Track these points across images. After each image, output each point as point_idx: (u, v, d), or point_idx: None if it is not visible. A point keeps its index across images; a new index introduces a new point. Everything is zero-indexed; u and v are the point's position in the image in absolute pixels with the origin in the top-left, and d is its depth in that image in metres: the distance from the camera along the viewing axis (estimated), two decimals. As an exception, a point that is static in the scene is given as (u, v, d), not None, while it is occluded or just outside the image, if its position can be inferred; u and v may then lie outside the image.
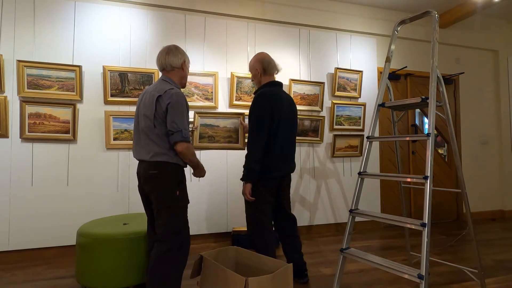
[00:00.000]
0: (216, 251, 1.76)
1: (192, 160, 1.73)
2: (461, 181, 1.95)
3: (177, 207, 1.71)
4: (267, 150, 1.97)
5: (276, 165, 2.00)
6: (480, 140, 4.34)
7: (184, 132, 1.63)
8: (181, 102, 1.65)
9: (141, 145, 1.72)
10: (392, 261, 1.61)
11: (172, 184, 1.69)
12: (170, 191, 1.68)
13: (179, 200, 1.71)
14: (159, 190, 1.68)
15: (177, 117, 1.63)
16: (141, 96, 1.79)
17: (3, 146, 2.65)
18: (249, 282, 1.37)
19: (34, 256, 2.70)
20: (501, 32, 4.42)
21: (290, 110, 2.08)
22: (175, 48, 1.79)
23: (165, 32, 3.11)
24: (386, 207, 3.87)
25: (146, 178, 1.69)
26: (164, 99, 1.64)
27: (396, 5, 3.83)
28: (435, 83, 1.75)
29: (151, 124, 1.65)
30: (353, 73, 3.71)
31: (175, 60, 1.76)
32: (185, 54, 1.83)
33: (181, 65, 1.79)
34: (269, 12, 3.43)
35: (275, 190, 2.07)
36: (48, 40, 2.78)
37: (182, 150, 1.64)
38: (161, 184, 1.67)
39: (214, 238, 3.18)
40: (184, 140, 1.63)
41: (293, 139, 2.14)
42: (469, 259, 2.65)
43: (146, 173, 1.68)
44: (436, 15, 1.85)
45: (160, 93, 1.65)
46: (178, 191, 1.70)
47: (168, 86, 1.70)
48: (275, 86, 2.06)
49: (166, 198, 1.67)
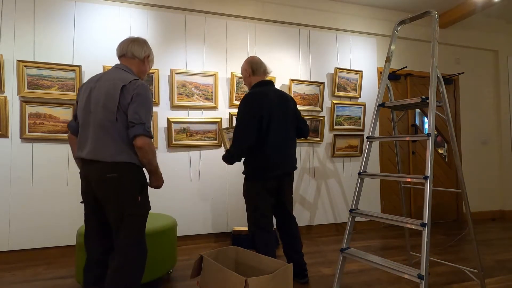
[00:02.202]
0: (216, 251, 1.76)
1: (152, 162, 1.50)
2: (461, 181, 1.95)
3: (139, 216, 1.50)
4: (261, 150, 1.95)
5: (273, 165, 1.97)
6: (480, 140, 4.34)
7: (147, 126, 1.44)
8: (148, 96, 1.48)
9: (94, 142, 1.44)
10: (392, 261, 1.61)
11: (134, 189, 1.48)
12: (131, 197, 1.46)
13: (141, 207, 1.51)
14: (118, 196, 1.43)
15: (141, 110, 1.43)
16: (92, 83, 1.52)
17: (3, 146, 2.65)
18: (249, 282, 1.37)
19: (34, 256, 2.70)
20: (501, 32, 4.42)
21: (283, 107, 2.03)
22: (143, 41, 1.66)
23: (165, 32, 3.11)
24: (386, 207, 3.87)
25: (101, 182, 1.43)
26: (129, 89, 1.43)
27: (396, 5, 3.83)
28: (435, 83, 1.74)
29: (113, 117, 1.42)
30: (353, 73, 3.71)
31: (139, 50, 1.61)
32: (151, 51, 1.69)
33: (143, 57, 1.63)
34: (269, 12, 3.43)
35: (275, 190, 2.04)
36: (48, 40, 2.78)
37: (143, 145, 1.42)
38: (121, 188, 1.44)
39: (214, 238, 3.18)
40: (146, 134, 1.42)
41: (290, 135, 2.07)
42: (469, 259, 2.65)
43: (101, 175, 1.42)
44: (436, 15, 1.85)
45: (125, 83, 1.44)
46: (140, 196, 1.49)
47: (130, 76, 1.51)
48: (264, 86, 2.05)
49: (126, 205, 1.45)
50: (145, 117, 1.44)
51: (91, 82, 1.52)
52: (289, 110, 2.07)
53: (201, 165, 3.17)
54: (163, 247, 2.13)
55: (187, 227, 3.09)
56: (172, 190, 3.07)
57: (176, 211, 3.05)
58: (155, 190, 2.99)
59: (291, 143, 2.08)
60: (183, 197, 3.09)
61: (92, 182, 1.47)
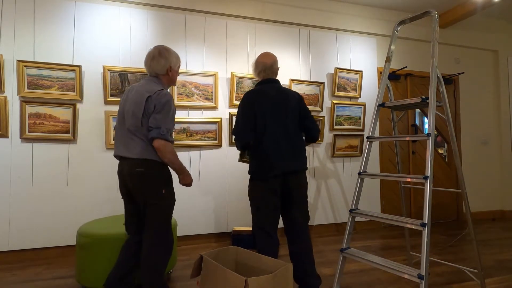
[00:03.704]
0: (216, 251, 1.76)
1: (172, 160, 1.69)
2: (461, 181, 1.95)
3: (163, 205, 1.71)
4: (259, 148, 1.90)
5: (271, 164, 1.88)
6: (480, 140, 4.34)
7: (163, 129, 1.62)
8: (168, 104, 1.66)
9: (126, 143, 1.70)
10: (392, 261, 1.61)
11: (158, 182, 1.69)
12: (155, 189, 1.68)
13: (165, 199, 1.72)
14: (144, 188, 1.67)
15: (159, 115, 1.63)
16: (126, 93, 1.77)
17: (3, 146, 2.65)
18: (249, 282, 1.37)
19: (34, 256, 2.70)
20: (501, 32, 4.42)
21: (282, 104, 1.94)
22: (158, 54, 1.76)
23: (165, 32, 3.11)
24: (386, 207, 3.87)
25: (131, 175, 1.67)
26: (153, 99, 1.64)
27: (396, 5, 3.83)
28: (435, 83, 1.74)
29: (139, 123, 1.65)
30: (353, 73, 3.71)
31: (159, 67, 1.76)
32: (170, 59, 1.78)
33: (166, 71, 1.78)
34: (269, 12, 3.43)
35: (279, 190, 1.91)
36: (48, 40, 2.78)
37: (158, 146, 1.62)
38: (146, 181, 1.67)
39: (214, 238, 3.18)
40: (161, 137, 1.62)
41: (291, 133, 1.93)
42: (469, 259, 2.65)
43: (131, 170, 1.67)
44: (436, 15, 1.85)
45: (150, 94, 1.65)
46: (165, 189, 1.71)
47: (157, 86, 1.71)
48: (263, 84, 2.02)
49: (150, 195, 1.68)
50: (162, 122, 1.63)
51: (127, 92, 1.79)
52: (289, 107, 1.95)
53: (201, 165, 3.17)
54: (163, 247, 2.13)
55: (187, 227, 3.09)
56: (172, 190, 3.07)
57: (176, 211, 3.05)
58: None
59: (293, 142, 1.94)
60: (183, 197, 3.09)
61: (125, 176, 1.71)
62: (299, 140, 1.99)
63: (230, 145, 3.27)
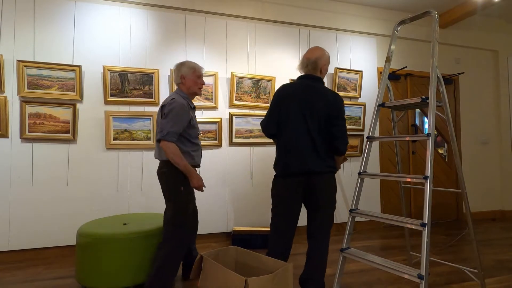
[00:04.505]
0: (216, 251, 1.77)
1: (175, 161, 1.83)
2: (461, 181, 1.95)
3: (180, 202, 1.91)
4: (280, 142, 1.89)
5: (287, 161, 1.82)
6: (480, 140, 4.34)
7: (164, 132, 1.81)
8: (175, 109, 1.86)
9: (157, 147, 1.99)
10: (392, 261, 1.61)
11: (177, 180, 1.89)
12: (173, 187, 1.90)
13: (183, 195, 1.91)
14: (166, 185, 1.94)
15: (165, 120, 1.85)
16: None
17: (3, 146, 2.65)
18: (249, 282, 1.37)
19: (34, 256, 2.70)
20: (501, 32, 4.42)
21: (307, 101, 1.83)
22: (176, 67, 2.07)
23: (165, 32, 3.11)
24: (386, 207, 3.87)
25: (159, 174, 1.98)
26: (165, 107, 1.90)
27: (396, 5, 3.83)
28: (435, 83, 1.74)
29: (159, 129, 1.91)
30: (353, 73, 3.71)
31: (175, 77, 2.07)
32: (182, 69, 2.04)
33: (180, 79, 2.04)
34: (269, 12, 3.43)
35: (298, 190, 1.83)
36: (48, 40, 2.78)
37: (162, 146, 1.83)
38: (168, 179, 1.91)
39: (214, 238, 3.18)
40: (162, 138, 1.81)
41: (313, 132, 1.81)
42: (469, 259, 2.65)
43: (159, 170, 1.98)
44: (436, 15, 1.85)
45: (165, 103, 1.92)
46: (183, 187, 1.90)
47: (173, 95, 1.97)
48: (298, 79, 1.96)
49: (171, 192, 1.91)
50: (166, 125, 1.83)
51: None
52: (315, 107, 1.82)
53: (201, 165, 3.16)
54: (163, 247, 2.13)
55: (187, 227, 3.09)
56: (172, 190, 3.07)
57: (176, 211, 3.05)
58: (158, 191, 2.99)
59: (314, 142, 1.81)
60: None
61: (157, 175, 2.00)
62: (322, 141, 1.84)
63: (230, 145, 3.27)
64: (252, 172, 3.35)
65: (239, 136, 3.28)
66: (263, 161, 3.38)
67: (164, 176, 1.93)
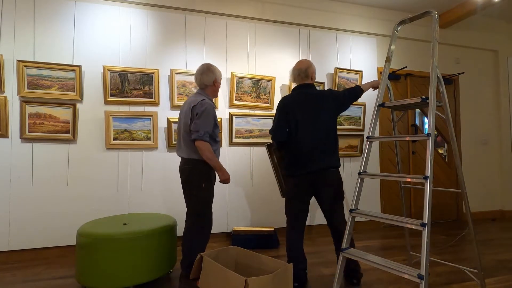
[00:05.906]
0: (216, 251, 1.77)
1: (209, 158, 2.01)
2: (461, 181, 1.95)
3: (202, 196, 2.07)
4: (291, 147, 2.10)
5: (298, 163, 2.06)
6: (480, 140, 4.34)
7: (201, 133, 1.97)
8: (207, 110, 2.01)
9: (181, 146, 2.14)
10: (392, 261, 1.61)
11: (200, 177, 2.06)
12: (196, 182, 2.06)
13: (204, 190, 2.08)
14: (189, 181, 2.08)
15: (199, 120, 1.99)
16: (183, 105, 2.18)
17: (3, 146, 2.65)
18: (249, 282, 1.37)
19: (34, 256, 2.70)
20: (501, 32, 4.42)
21: (313, 106, 2.07)
22: (207, 68, 2.15)
23: (165, 32, 3.11)
24: (386, 207, 3.87)
25: (182, 170, 2.12)
26: (196, 108, 2.01)
27: (396, 5, 3.83)
28: (435, 83, 1.74)
29: (188, 129, 2.05)
30: (353, 73, 3.71)
31: (207, 79, 2.15)
32: (216, 73, 2.17)
33: (212, 82, 2.16)
34: (269, 12, 3.43)
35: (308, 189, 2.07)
36: (48, 40, 2.78)
37: (198, 145, 1.99)
38: (191, 175, 2.07)
39: (214, 238, 3.18)
40: (199, 138, 1.97)
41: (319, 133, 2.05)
42: (469, 259, 2.65)
43: (182, 166, 2.12)
44: (436, 15, 1.85)
45: (194, 104, 2.03)
46: (204, 183, 2.07)
47: (201, 97, 2.08)
48: (295, 90, 2.20)
49: (194, 187, 2.07)
50: (200, 126, 1.98)
51: (183, 105, 2.18)
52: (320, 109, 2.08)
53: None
54: (163, 247, 2.13)
55: (187, 227, 3.09)
56: (172, 190, 3.07)
57: (176, 211, 3.05)
58: (158, 191, 3.00)
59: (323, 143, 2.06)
60: (183, 197, 3.08)
61: (180, 171, 2.15)
62: (330, 141, 2.09)
63: (230, 145, 3.27)
64: (252, 172, 3.35)
65: (239, 136, 3.28)
66: (263, 161, 3.38)
67: (188, 172, 2.08)
